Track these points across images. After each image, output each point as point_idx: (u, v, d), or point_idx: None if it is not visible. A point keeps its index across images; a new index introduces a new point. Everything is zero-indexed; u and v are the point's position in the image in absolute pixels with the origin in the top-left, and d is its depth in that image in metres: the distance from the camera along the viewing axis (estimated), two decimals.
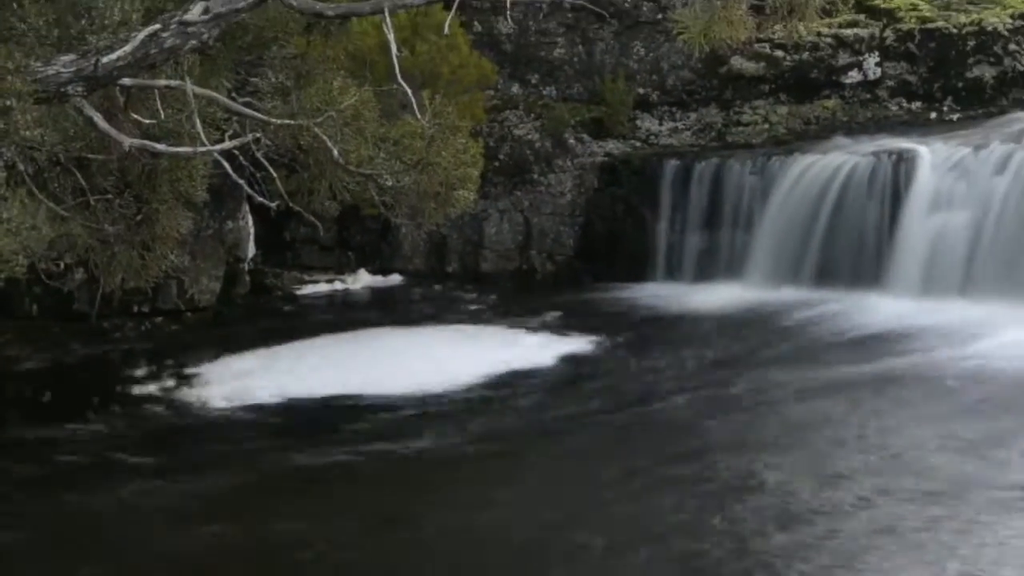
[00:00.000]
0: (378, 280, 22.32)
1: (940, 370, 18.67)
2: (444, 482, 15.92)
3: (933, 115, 23.44)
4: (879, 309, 20.73)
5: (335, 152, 14.88)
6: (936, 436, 16.67)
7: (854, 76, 23.58)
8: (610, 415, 17.84)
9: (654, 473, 16.12)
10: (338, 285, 22.05)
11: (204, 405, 18.20)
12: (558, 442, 17.07)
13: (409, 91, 15.25)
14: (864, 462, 16.13)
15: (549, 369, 19.17)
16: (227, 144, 14.68)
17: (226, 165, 15.05)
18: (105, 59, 13.46)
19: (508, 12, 20.89)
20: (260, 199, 16.06)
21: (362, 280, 22.25)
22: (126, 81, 14.11)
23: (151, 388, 18.69)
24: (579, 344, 19.96)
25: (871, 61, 23.56)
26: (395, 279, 22.41)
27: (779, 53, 23.41)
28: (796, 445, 16.77)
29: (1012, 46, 23.53)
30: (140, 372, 19.14)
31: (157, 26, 13.81)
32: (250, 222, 20.94)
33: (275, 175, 15.48)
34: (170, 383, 18.81)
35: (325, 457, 16.73)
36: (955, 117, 23.33)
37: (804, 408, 17.85)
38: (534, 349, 19.71)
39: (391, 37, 15.03)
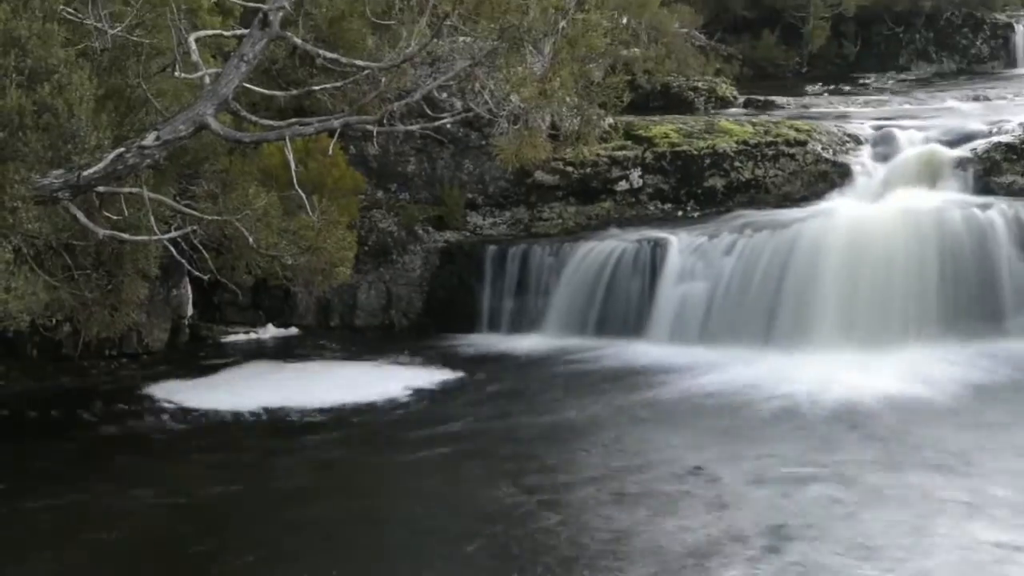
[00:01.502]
0: (281, 332, 22.10)
1: (682, 396, 19.03)
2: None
3: (680, 213, 23.47)
4: (641, 352, 20.86)
5: (250, 240, 15.28)
6: (669, 442, 17.29)
7: (623, 185, 23.49)
8: (441, 425, 18.10)
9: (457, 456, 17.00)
10: (252, 335, 21.85)
11: (159, 415, 18.39)
12: (407, 444, 17.39)
13: (304, 196, 15.76)
14: (617, 460, 16.75)
15: (404, 394, 19.20)
16: (173, 234, 15.12)
17: (172, 249, 15.54)
18: (85, 173, 13.88)
19: (375, 139, 21.09)
20: (196, 273, 16.42)
21: (270, 332, 22.02)
22: (100, 188, 14.56)
23: (119, 406, 18.67)
24: (427, 375, 20.03)
25: (635, 174, 23.51)
26: (293, 331, 22.19)
27: (569, 168, 23.30)
28: (567, 448, 17.27)
29: (736, 163, 23.63)
30: (111, 396, 19.04)
31: (122, 149, 14.32)
32: (189, 290, 20.82)
33: (207, 256, 15.85)
34: (132, 403, 18.79)
35: (241, 447, 17.24)
36: (696, 215, 23.36)
37: (576, 420, 18.19)
38: (393, 380, 19.73)
39: (291, 157, 15.48)
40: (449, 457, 17.20)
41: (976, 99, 30.90)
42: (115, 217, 14.77)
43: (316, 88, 16.60)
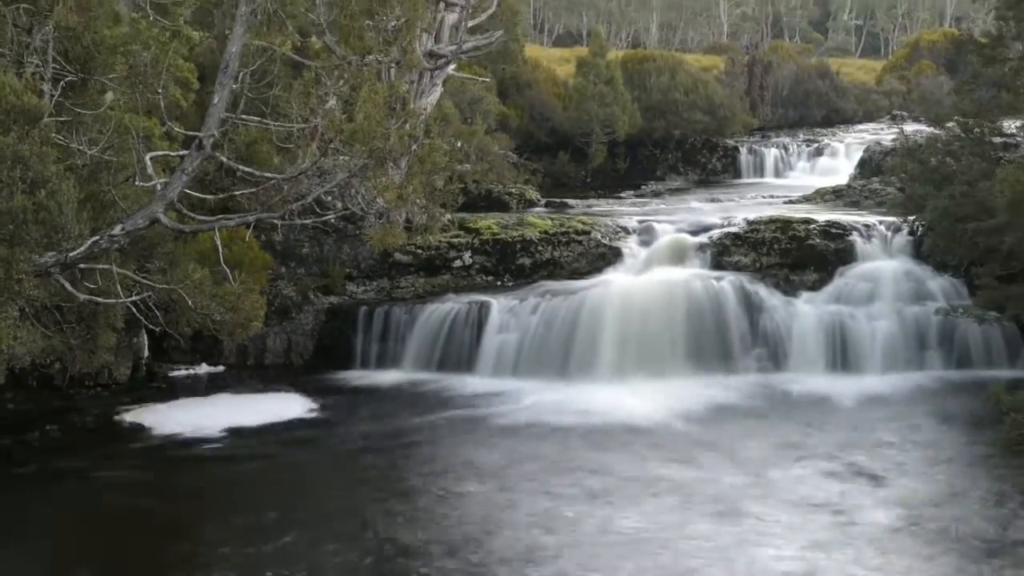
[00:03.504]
0: (212, 369, 21.84)
1: (499, 414, 19.34)
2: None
3: (499, 283, 23.50)
4: (471, 383, 20.99)
5: (190, 302, 15.30)
6: (485, 445, 17.76)
7: (458, 263, 23.60)
8: (325, 434, 18.42)
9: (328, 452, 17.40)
10: (191, 371, 21.59)
11: (122, 427, 18.45)
12: (301, 448, 17.70)
13: (228, 271, 15.89)
14: (445, 457, 17.32)
15: (300, 412, 19.40)
16: (133, 298, 15.13)
17: (133, 309, 15.47)
18: (71, 254, 13.99)
19: (279, 230, 21.03)
20: (150, 326, 16.36)
21: (203, 369, 21.76)
22: (81, 265, 14.58)
23: (95, 422, 18.73)
24: (317, 400, 20.04)
25: (467, 255, 23.67)
26: (220, 368, 21.95)
27: (419, 251, 23.36)
28: (412, 451, 17.72)
29: (540, 247, 23.75)
30: (89, 415, 19.02)
31: (97, 237, 14.40)
32: (145, 338, 20.62)
33: (158, 314, 15.66)
34: (104, 419, 18.80)
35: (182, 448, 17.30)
36: (510, 285, 23.36)
37: (421, 430, 18.56)
38: (292, 403, 19.85)
39: (219, 243, 15.72)
40: (328, 455, 17.60)
41: (712, 201, 31.59)
42: (92, 286, 14.79)
43: (237, 193, 16.63)
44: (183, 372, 21.74)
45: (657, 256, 23.97)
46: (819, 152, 42.61)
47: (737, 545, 13.83)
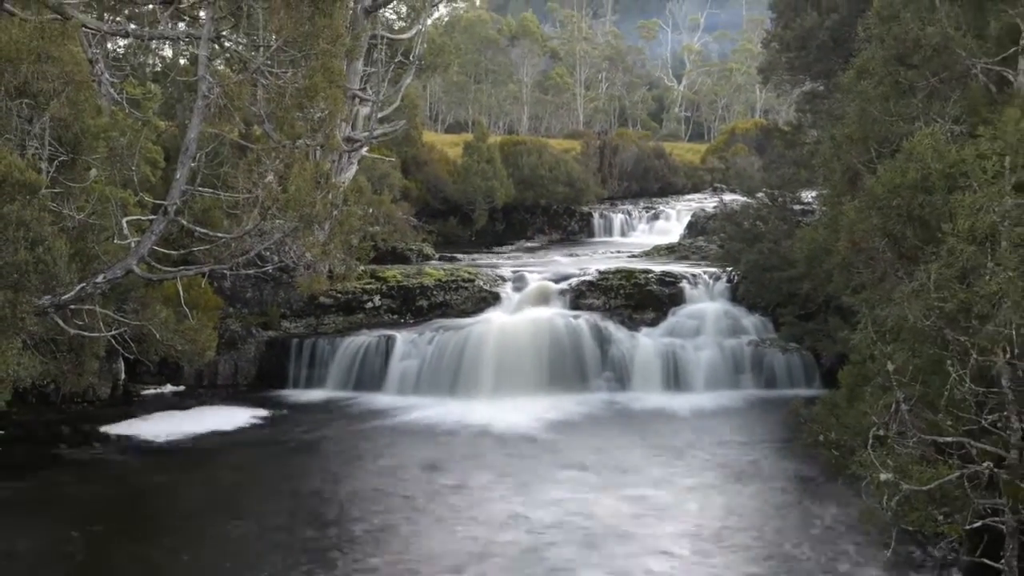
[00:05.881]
0: (175, 388, 21.77)
1: (401, 423, 19.55)
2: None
3: (402, 321, 23.63)
4: (380, 399, 21.15)
5: (157, 336, 15.14)
6: (390, 449, 17.88)
7: (370, 304, 23.71)
8: (264, 437, 18.54)
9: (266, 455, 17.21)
10: (158, 391, 21.55)
11: (104, 434, 18.49)
12: (256, 456, 17.79)
13: (187, 310, 15.78)
14: (355, 458, 17.47)
15: (245, 421, 19.51)
16: (112, 332, 14.94)
17: (112, 341, 15.28)
18: (63, 298, 13.80)
19: (228, 278, 21.25)
20: (126, 354, 16.31)
21: (168, 388, 21.72)
22: (72, 306, 14.35)
23: (82, 430, 18.79)
24: (258, 412, 20.19)
25: (377, 298, 23.81)
26: (181, 388, 21.89)
27: (339, 295, 23.43)
28: (331, 451, 17.86)
29: (434, 292, 23.95)
30: (78, 424, 19.09)
31: (84, 284, 14.22)
32: (122, 364, 20.60)
33: (134, 347, 15.56)
34: (90, 428, 18.87)
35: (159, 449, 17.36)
36: (412, 322, 23.52)
37: (339, 435, 18.76)
38: (238, 415, 19.95)
39: (180, 288, 15.64)
40: (264, 452, 17.76)
41: (571, 256, 32.10)
42: (80, 323, 14.60)
43: (195, 249, 16.22)
44: (152, 391, 21.71)
45: (527, 299, 24.24)
46: (656, 217, 43.33)
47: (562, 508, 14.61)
